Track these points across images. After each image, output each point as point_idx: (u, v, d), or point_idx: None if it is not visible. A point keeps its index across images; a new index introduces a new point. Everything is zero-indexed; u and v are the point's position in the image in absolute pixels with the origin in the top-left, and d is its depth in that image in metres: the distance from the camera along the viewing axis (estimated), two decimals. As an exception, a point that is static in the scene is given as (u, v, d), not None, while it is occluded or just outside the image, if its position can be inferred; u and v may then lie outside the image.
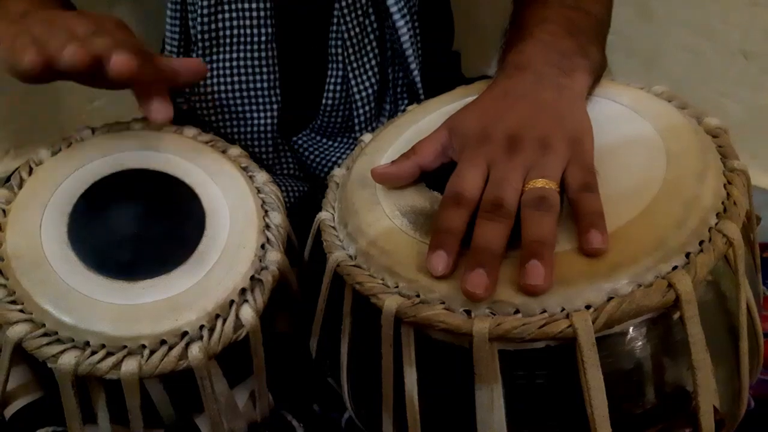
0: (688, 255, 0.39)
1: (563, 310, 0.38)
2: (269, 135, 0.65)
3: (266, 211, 0.51)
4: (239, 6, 0.60)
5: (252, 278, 0.47)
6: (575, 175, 0.42)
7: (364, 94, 0.64)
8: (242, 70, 0.62)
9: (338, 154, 0.68)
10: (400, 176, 0.47)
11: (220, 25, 0.61)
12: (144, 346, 0.44)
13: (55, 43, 0.44)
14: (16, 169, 0.51)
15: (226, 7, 0.60)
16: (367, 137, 0.56)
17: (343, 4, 0.60)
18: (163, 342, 0.44)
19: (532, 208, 0.40)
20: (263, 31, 0.61)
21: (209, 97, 0.64)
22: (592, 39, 0.52)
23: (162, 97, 0.49)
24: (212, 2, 0.59)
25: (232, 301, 0.46)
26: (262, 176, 0.53)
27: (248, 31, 0.61)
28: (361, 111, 0.65)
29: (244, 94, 0.64)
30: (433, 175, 0.48)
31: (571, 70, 0.48)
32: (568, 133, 0.44)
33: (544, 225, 0.39)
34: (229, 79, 0.63)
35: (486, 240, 0.39)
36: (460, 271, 0.40)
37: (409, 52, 0.62)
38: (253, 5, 0.60)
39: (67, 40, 0.44)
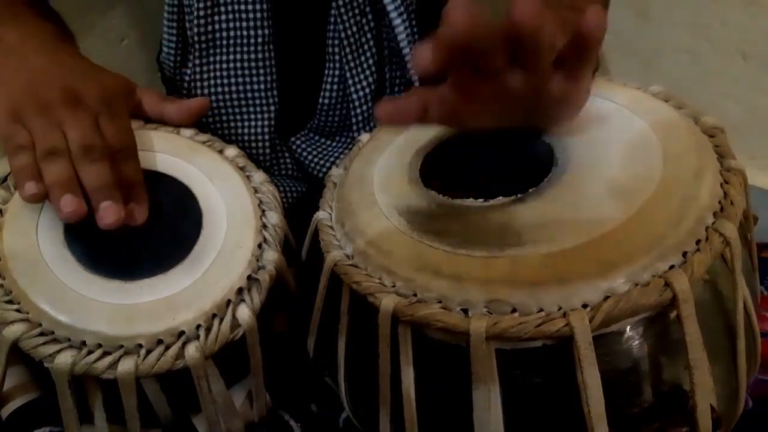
0: (684, 254, 0.39)
1: (560, 308, 0.38)
2: (267, 135, 0.65)
3: (263, 211, 0.51)
4: (236, 7, 0.60)
5: (249, 278, 0.47)
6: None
7: (361, 93, 0.64)
8: (239, 71, 0.62)
9: (336, 154, 0.68)
10: (408, 110, 0.42)
11: (217, 26, 0.61)
12: (141, 346, 0.43)
13: (52, 173, 0.46)
14: (13, 168, 0.51)
15: (223, 9, 0.60)
16: (364, 137, 0.56)
17: (340, 3, 0.60)
18: (159, 341, 0.44)
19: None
20: (260, 32, 0.61)
21: (208, 98, 0.64)
22: None
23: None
24: (209, 4, 0.59)
25: (229, 301, 0.46)
26: (259, 176, 0.53)
27: (245, 32, 0.61)
28: (358, 110, 0.65)
29: (242, 95, 0.64)
30: (432, 174, 0.48)
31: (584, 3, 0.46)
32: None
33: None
34: (226, 80, 0.63)
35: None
36: (458, 271, 0.40)
37: (407, 51, 0.62)
38: (250, 6, 0.60)
39: (63, 168, 0.46)
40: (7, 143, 0.47)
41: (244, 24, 0.61)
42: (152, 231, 0.49)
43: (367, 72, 0.64)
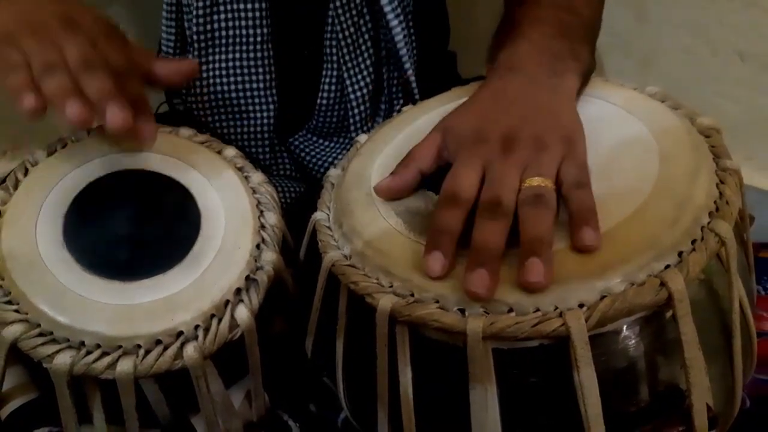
0: (680, 254, 0.39)
1: (556, 308, 0.38)
2: (265, 136, 0.66)
3: (261, 212, 0.51)
4: (234, 6, 0.60)
5: (247, 278, 0.47)
6: (569, 173, 0.42)
7: (359, 94, 0.64)
8: (238, 71, 0.63)
9: (334, 155, 0.68)
10: (404, 186, 0.47)
11: (216, 25, 0.61)
12: (139, 346, 0.44)
13: (52, 84, 0.43)
14: (12, 170, 0.51)
15: (222, 8, 0.60)
16: (362, 138, 0.56)
17: (338, 4, 0.60)
18: (158, 342, 0.44)
19: (530, 206, 0.40)
20: (258, 31, 0.61)
21: (205, 98, 0.64)
22: (583, 41, 0.52)
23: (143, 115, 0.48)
24: (207, 3, 0.60)
25: (228, 301, 0.46)
26: (257, 177, 0.54)
27: (243, 31, 0.61)
28: (356, 111, 0.65)
29: (240, 94, 0.64)
30: (430, 175, 0.48)
31: (562, 71, 0.48)
32: (562, 132, 0.44)
33: (541, 222, 0.39)
34: (225, 80, 0.63)
35: (485, 239, 0.39)
36: (454, 271, 0.40)
37: (404, 52, 0.63)
38: (248, 6, 0.60)
39: (63, 78, 0.43)
40: (0, 66, 0.45)
41: (243, 23, 0.61)
42: (151, 232, 0.49)
43: (365, 73, 0.64)
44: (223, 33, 0.61)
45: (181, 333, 0.44)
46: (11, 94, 0.44)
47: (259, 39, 0.61)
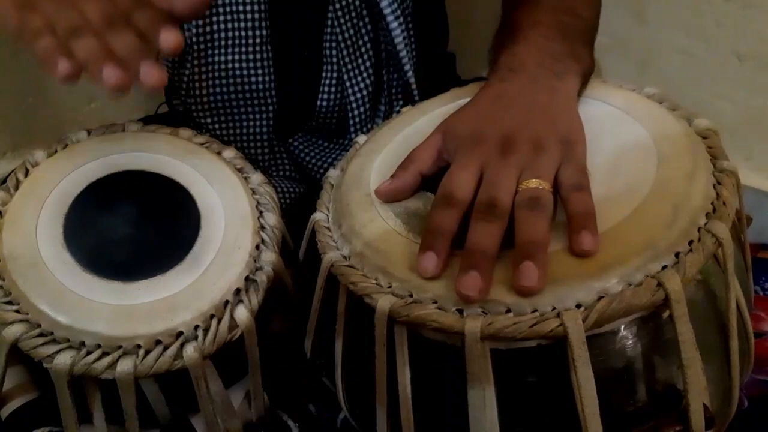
0: (677, 255, 0.39)
1: (554, 309, 0.38)
2: (265, 137, 0.66)
3: (261, 212, 0.51)
4: (233, 8, 0.60)
5: (247, 279, 0.47)
6: (567, 175, 0.42)
7: (358, 95, 0.65)
8: (237, 72, 0.63)
9: (333, 156, 0.68)
10: (404, 189, 0.47)
11: (215, 27, 0.61)
12: (139, 346, 0.44)
13: (82, 49, 0.42)
14: (13, 170, 0.52)
15: (221, 10, 0.60)
16: (361, 138, 0.56)
17: (337, 6, 0.60)
18: (158, 342, 0.44)
19: (526, 209, 0.40)
20: (258, 33, 0.61)
21: (205, 99, 0.64)
22: (582, 42, 0.53)
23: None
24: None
25: (227, 302, 0.46)
26: (257, 177, 0.54)
27: (243, 33, 0.61)
28: (356, 112, 0.65)
29: (240, 96, 0.64)
30: (429, 176, 0.48)
31: (563, 73, 0.48)
32: (561, 135, 0.44)
33: (537, 225, 0.40)
34: (224, 81, 0.63)
35: (479, 241, 0.40)
36: (453, 271, 0.40)
37: (403, 53, 0.63)
38: (248, 7, 0.60)
39: (91, 41, 0.42)
40: (23, 32, 0.44)
41: (242, 25, 0.61)
42: (151, 232, 0.49)
43: (364, 74, 0.64)
44: (223, 35, 0.61)
45: (180, 333, 0.44)
46: (42, 62, 0.44)
47: (258, 41, 0.62)
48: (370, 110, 0.66)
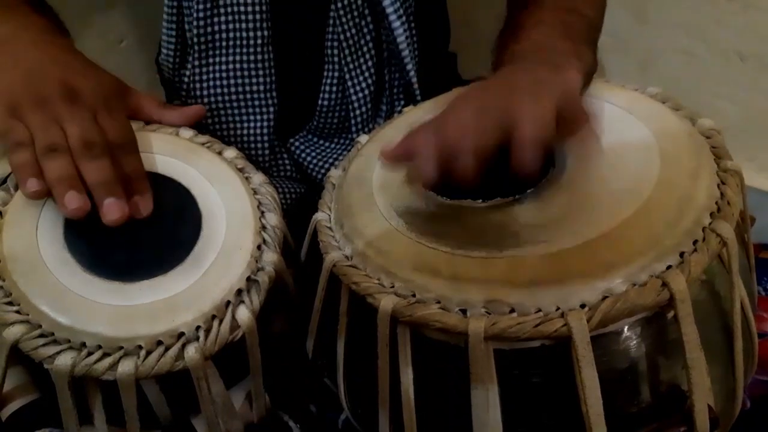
0: (682, 254, 0.39)
1: (558, 309, 0.38)
2: (266, 137, 0.66)
3: (262, 213, 0.51)
4: (235, 9, 0.60)
5: (248, 279, 0.47)
6: (568, 110, 0.43)
7: (360, 95, 0.64)
8: (238, 73, 0.63)
9: (335, 156, 0.68)
10: (409, 151, 0.45)
11: (216, 28, 0.61)
12: (140, 347, 0.44)
13: (54, 170, 0.45)
14: (13, 170, 0.51)
15: (222, 10, 0.60)
16: (363, 138, 0.56)
17: (339, 5, 0.60)
18: (159, 343, 0.44)
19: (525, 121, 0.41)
20: (259, 33, 0.61)
21: (206, 99, 0.64)
22: (585, 42, 0.53)
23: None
24: (208, 5, 0.60)
25: (229, 302, 0.46)
26: (258, 177, 0.54)
27: (244, 33, 0.61)
28: (357, 112, 0.65)
29: (241, 96, 0.64)
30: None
31: (566, 69, 0.48)
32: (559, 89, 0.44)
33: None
34: (225, 82, 0.63)
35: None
36: (455, 270, 0.40)
37: (406, 53, 0.63)
38: (249, 8, 0.60)
39: (64, 163, 0.45)
40: (6, 139, 0.46)
41: (244, 26, 0.61)
42: (152, 232, 0.49)
43: (366, 74, 0.64)
44: (224, 35, 0.61)
45: (182, 334, 0.44)
46: (14, 173, 0.47)
47: (259, 41, 0.61)
48: (372, 110, 0.66)
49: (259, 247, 0.49)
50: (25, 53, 0.50)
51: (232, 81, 0.63)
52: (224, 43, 0.62)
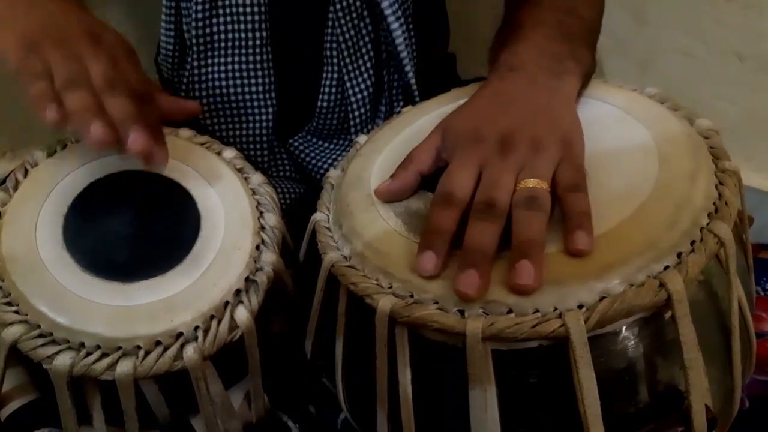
0: (679, 255, 0.39)
1: (556, 309, 0.38)
2: (265, 138, 0.66)
3: (261, 213, 0.51)
4: (233, 10, 0.60)
5: (247, 279, 0.47)
6: (565, 175, 0.42)
7: (359, 96, 0.65)
8: (237, 74, 0.63)
9: (334, 156, 0.68)
10: (404, 189, 0.47)
11: (215, 29, 0.61)
12: (139, 347, 0.44)
13: (76, 100, 0.43)
14: (12, 171, 0.51)
15: (221, 11, 0.60)
16: (362, 139, 0.56)
17: (338, 6, 0.60)
18: (158, 343, 0.44)
19: (523, 208, 0.40)
20: (258, 34, 0.61)
21: (205, 100, 0.64)
22: (583, 43, 0.53)
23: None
24: (206, 6, 0.60)
25: (227, 302, 0.46)
26: (257, 178, 0.54)
27: (243, 34, 0.61)
28: (356, 113, 0.65)
29: (240, 97, 0.64)
30: (429, 176, 0.48)
31: (563, 73, 0.48)
32: (560, 135, 0.44)
33: (534, 225, 0.40)
34: (224, 83, 0.63)
35: (478, 240, 0.39)
36: (453, 271, 0.40)
37: (404, 54, 0.63)
38: (248, 9, 0.60)
39: (86, 95, 0.44)
40: (23, 73, 0.45)
41: (242, 26, 0.61)
42: (150, 233, 0.49)
43: (365, 75, 0.64)
44: (223, 36, 0.61)
45: (180, 334, 0.44)
46: (32, 103, 0.45)
47: (258, 42, 0.62)
48: (371, 111, 0.66)
49: (257, 248, 0.49)
50: (44, 2, 0.49)
51: (231, 82, 0.63)
52: (223, 44, 0.62)
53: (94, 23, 0.50)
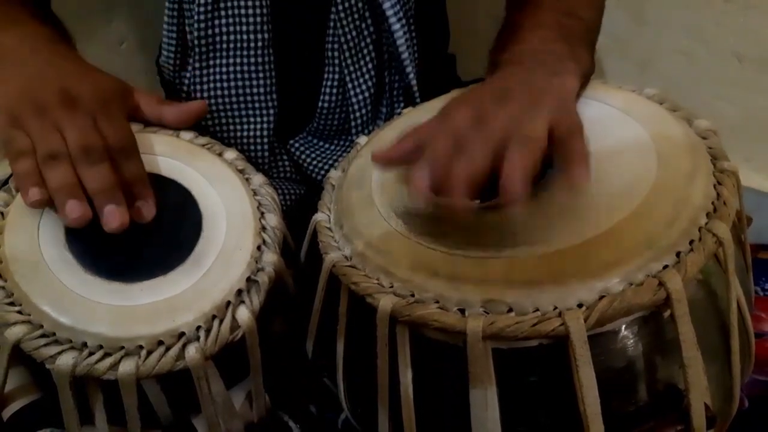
0: (678, 254, 0.39)
1: (556, 308, 0.38)
2: (266, 139, 0.66)
3: (262, 213, 0.52)
4: (236, 11, 0.60)
5: (248, 279, 0.47)
6: (561, 123, 0.43)
7: (360, 97, 0.65)
8: (239, 75, 0.63)
9: (334, 157, 0.68)
10: (402, 156, 0.46)
11: (217, 30, 0.61)
12: (141, 347, 0.44)
13: (54, 178, 0.45)
14: (14, 172, 0.52)
15: (223, 13, 0.60)
16: (362, 139, 0.56)
17: (340, 8, 0.61)
18: (160, 343, 0.44)
19: (517, 145, 0.41)
20: (260, 36, 0.61)
21: (206, 101, 0.64)
22: (583, 44, 0.53)
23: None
24: (209, 8, 0.60)
25: (229, 302, 0.46)
26: (258, 179, 0.54)
27: (245, 36, 0.61)
28: (357, 114, 0.65)
29: (241, 98, 0.64)
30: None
31: (562, 72, 0.49)
32: (556, 103, 0.45)
33: (523, 154, 0.41)
34: (225, 84, 0.63)
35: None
36: (454, 269, 0.40)
37: (405, 55, 0.63)
38: (250, 10, 0.60)
39: (64, 171, 0.45)
40: (8, 148, 0.47)
41: (244, 28, 0.61)
42: (152, 233, 0.49)
43: (366, 76, 0.64)
44: (224, 38, 0.61)
45: (182, 334, 0.44)
46: (17, 182, 0.47)
47: (260, 44, 0.62)
48: (372, 112, 0.66)
49: (259, 248, 0.49)
50: (27, 63, 0.51)
51: (232, 83, 0.63)
52: (225, 45, 0.62)
53: (71, 81, 0.49)
